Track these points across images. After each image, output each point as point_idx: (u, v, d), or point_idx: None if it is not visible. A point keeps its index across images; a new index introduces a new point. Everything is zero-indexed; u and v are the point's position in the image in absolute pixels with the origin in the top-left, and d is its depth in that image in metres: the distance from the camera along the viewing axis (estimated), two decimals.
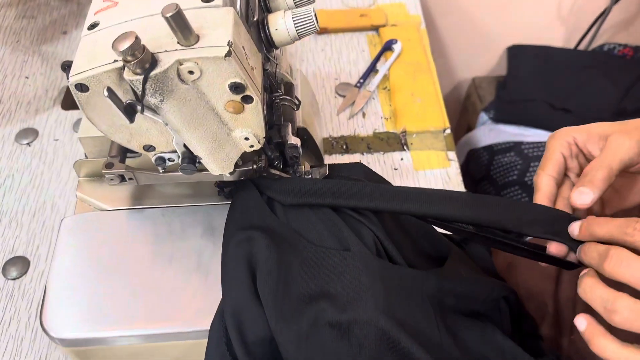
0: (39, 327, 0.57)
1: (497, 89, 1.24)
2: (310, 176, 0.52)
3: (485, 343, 0.48)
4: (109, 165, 0.47)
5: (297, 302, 0.43)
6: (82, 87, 0.40)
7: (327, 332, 0.42)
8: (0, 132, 0.74)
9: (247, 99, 0.41)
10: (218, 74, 0.39)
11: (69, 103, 0.77)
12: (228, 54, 0.38)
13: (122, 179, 0.48)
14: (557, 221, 0.44)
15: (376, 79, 0.79)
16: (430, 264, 0.51)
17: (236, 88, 0.40)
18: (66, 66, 0.54)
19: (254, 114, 0.43)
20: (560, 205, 0.46)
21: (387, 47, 0.83)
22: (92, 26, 0.42)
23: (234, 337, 0.42)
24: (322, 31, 0.87)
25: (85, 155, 0.53)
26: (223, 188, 0.51)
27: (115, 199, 0.51)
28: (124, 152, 0.49)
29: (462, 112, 1.35)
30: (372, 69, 0.81)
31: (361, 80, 0.79)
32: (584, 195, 0.42)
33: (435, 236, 0.54)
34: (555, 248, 0.44)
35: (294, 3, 0.49)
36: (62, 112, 0.76)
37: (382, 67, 0.80)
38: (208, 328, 0.44)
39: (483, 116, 1.20)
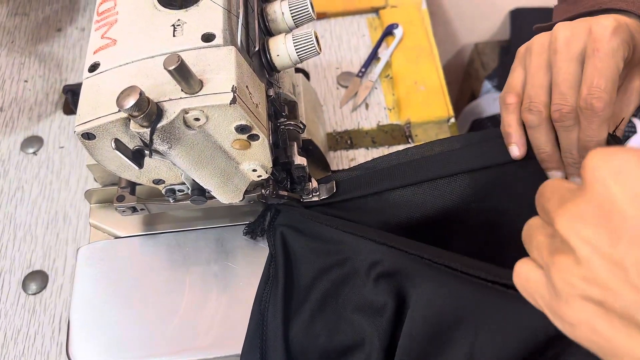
0: (64, 342, 0.60)
1: (501, 55, 1.22)
2: (317, 193, 0.52)
3: None
4: (120, 198, 0.48)
5: (302, 294, 0.47)
6: (88, 136, 0.40)
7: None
8: (6, 141, 0.74)
9: (254, 137, 0.42)
10: (224, 118, 0.39)
11: (70, 108, 0.76)
12: (233, 101, 0.38)
13: (134, 210, 0.48)
14: None
15: (378, 67, 0.78)
16: None
17: (242, 129, 0.40)
18: (67, 90, 0.54)
19: (261, 149, 0.43)
20: None
21: (388, 32, 0.81)
22: (93, 67, 0.42)
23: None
24: (321, 16, 0.85)
25: (95, 179, 0.54)
26: (255, 230, 0.52)
27: (129, 225, 0.52)
28: (134, 183, 0.49)
29: (464, 78, 1.33)
30: (373, 57, 0.79)
31: (363, 69, 0.78)
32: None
33: None
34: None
35: (294, 22, 0.48)
36: (65, 117, 0.76)
37: (384, 54, 0.79)
38: (228, 354, 0.46)
39: (487, 84, 1.18)
